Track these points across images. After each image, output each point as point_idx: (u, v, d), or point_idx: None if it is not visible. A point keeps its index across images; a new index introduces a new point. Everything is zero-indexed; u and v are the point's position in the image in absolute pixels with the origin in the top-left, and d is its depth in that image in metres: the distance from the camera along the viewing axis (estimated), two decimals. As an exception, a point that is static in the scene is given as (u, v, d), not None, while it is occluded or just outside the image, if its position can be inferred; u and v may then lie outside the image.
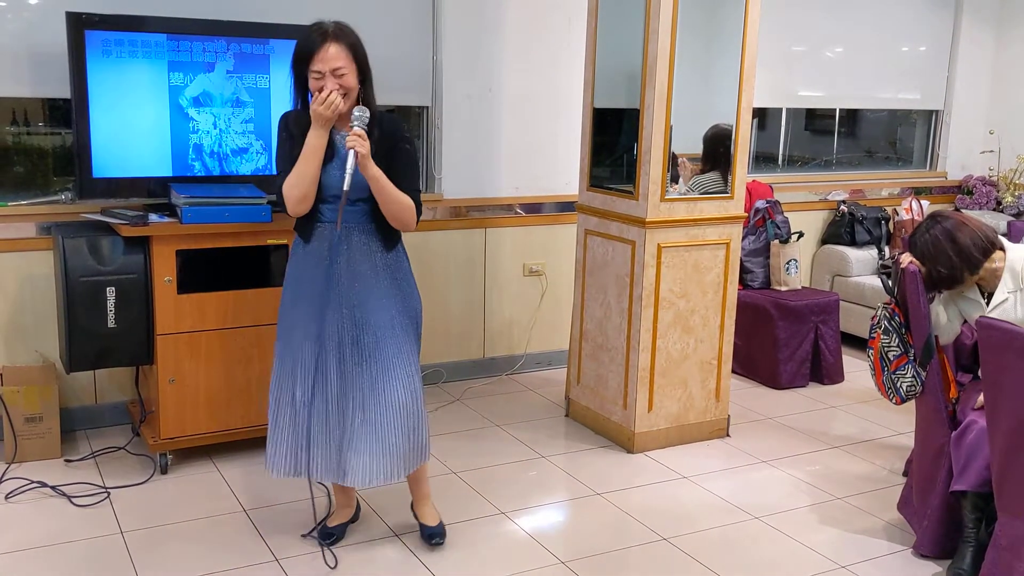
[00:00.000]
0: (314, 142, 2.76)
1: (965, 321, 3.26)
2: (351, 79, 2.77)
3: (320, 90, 2.73)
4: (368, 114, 2.77)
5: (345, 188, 2.72)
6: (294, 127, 2.86)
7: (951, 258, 3.06)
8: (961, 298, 3.19)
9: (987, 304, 3.12)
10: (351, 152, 2.70)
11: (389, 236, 2.92)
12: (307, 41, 2.76)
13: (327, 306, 2.88)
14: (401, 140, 2.89)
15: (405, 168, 2.88)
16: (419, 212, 2.92)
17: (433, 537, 3.15)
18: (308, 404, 2.92)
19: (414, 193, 2.89)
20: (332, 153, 2.81)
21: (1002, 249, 3.11)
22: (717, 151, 3.98)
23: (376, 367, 2.91)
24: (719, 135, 3.97)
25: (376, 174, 2.76)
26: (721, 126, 3.97)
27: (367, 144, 2.73)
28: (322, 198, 2.84)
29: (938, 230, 3.10)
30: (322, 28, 2.77)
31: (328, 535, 3.12)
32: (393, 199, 2.81)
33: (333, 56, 2.73)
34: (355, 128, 2.73)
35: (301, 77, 2.81)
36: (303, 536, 3.14)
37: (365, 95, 2.83)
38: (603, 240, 4.06)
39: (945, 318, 3.21)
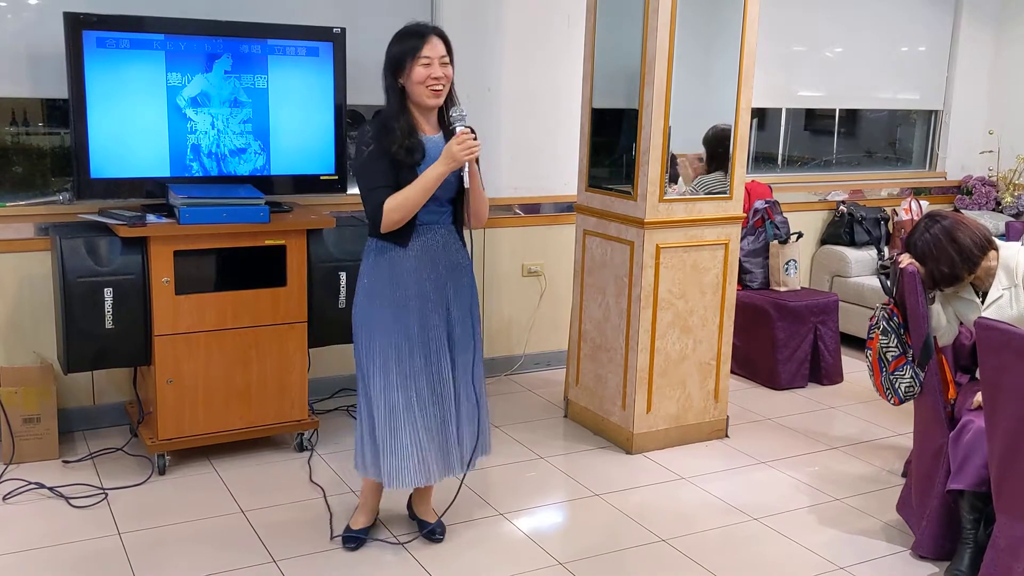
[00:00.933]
0: (434, 176, 2.81)
1: (962, 323, 3.26)
2: (451, 72, 2.87)
3: (427, 78, 2.80)
4: (466, 113, 2.87)
5: (466, 185, 2.84)
6: (390, 134, 2.83)
7: (952, 256, 3.07)
8: (956, 299, 3.20)
9: (982, 303, 3.12)
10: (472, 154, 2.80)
11: (462, 231, 3.02)
12: (414, 32, 2.84)
13: (429, 306, 2.93)
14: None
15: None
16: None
17: (434, 533, 3.16)
18: (428, 406, 2.95)
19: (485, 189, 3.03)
20: (424, 156, 2.85)
21: (995, 248, 3.12)
22: (716, 151, 3.98)
23: (469, 358, 3.01)
24: (719, 135, 3.96)
25: (475, 170, 2.90)
26: (720, 126, 3.96)
27: (479, 145, 2.83)
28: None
29: (937, 229, 3.11)
30: (426, 24, 2.89)
31: (354, 540, 3.11)
32: (482, 194, 2.97)
33: (441, 47, 2.84)
34: (460, 129, 2.81)
35: (400, 71, 2.83)
36: (333, 538, 3.14)
37: (449, 94, 2.91)
38: (602, 240, 4.06)
39: (945, 319, 3.22)
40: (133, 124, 3.62)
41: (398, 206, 2.81)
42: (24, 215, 3.81)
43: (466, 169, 2.83)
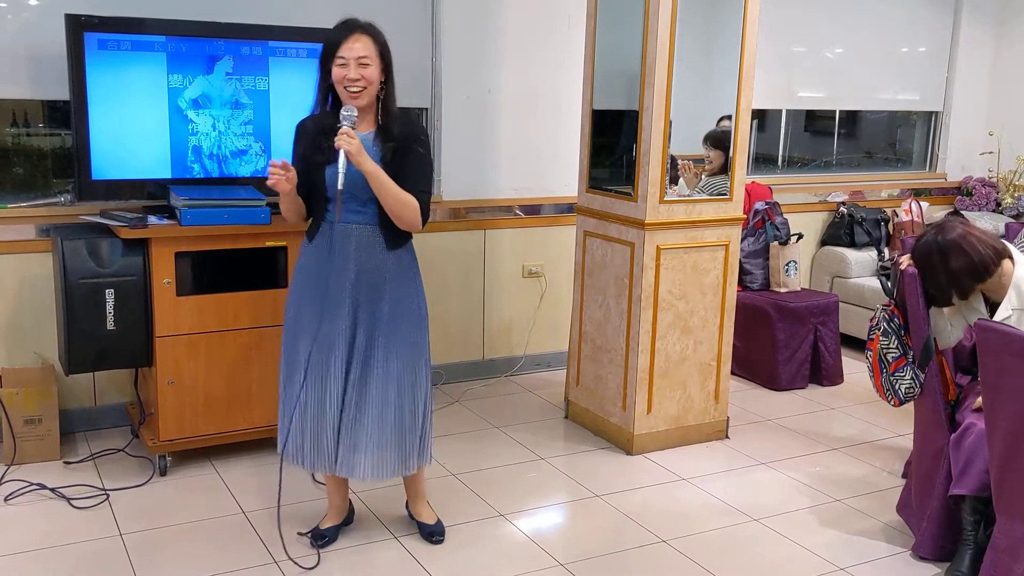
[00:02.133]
0: (282, 194, 2.84)
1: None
2: (374, 72, 2.80)
3: (343, 79, 2.77)
4: (355, 113, 2.79)
5: (340, 187, 2.74)
6: (305, 134, 2.89)
7: (940, 281, 3.00)
8: (965, 306, 3.11)
9: (990, 315, 3.03)
10: (341, 151, 2.73)
11: (395, 235, 2.92)
12: (337, 30, 2.82)
13: (330, 302, 2.89)
14: (415, 142, 2.90)
15: (414, 168, 2.89)
16: (425, 213, 2.91)
17: (433, 535, 3.16)
18: (312, 400, 2.93)
19: (420, 194, 2.88)
20: (334, 154, 2.80)
21: (1010, 258, 2.98)
22: (727, 146, 3.97)
23: (375, 365, 2.92)
24: (722, 136, 3.96)
25: (372, 170, 2.77)
26: (721, 127, 3.97)
27: (355, 142, 2.74)
28: (327, 197, 2.87)
29: (935, 246, 2.99)
30: (353, 20, 2.83)
31: (321, 536, 3.12)
32: (391, 195, 2.82)
33: (360, 46, 2.78)
34: (343, 127, 2.75)
35: (326, 70, 2.82)
36: (299, 534, 3.14)
37: (386, 94, 2.86)
38: (602, 242, 4.06)
39: (949, 324, 3.16)
40: (134, 126, 3.62)
41: (282, 208, 2.92)
42: (25, 216, 3.81)
43: (340, 167, 2.73)
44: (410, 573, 2.99)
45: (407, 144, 2.88)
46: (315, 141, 2.84)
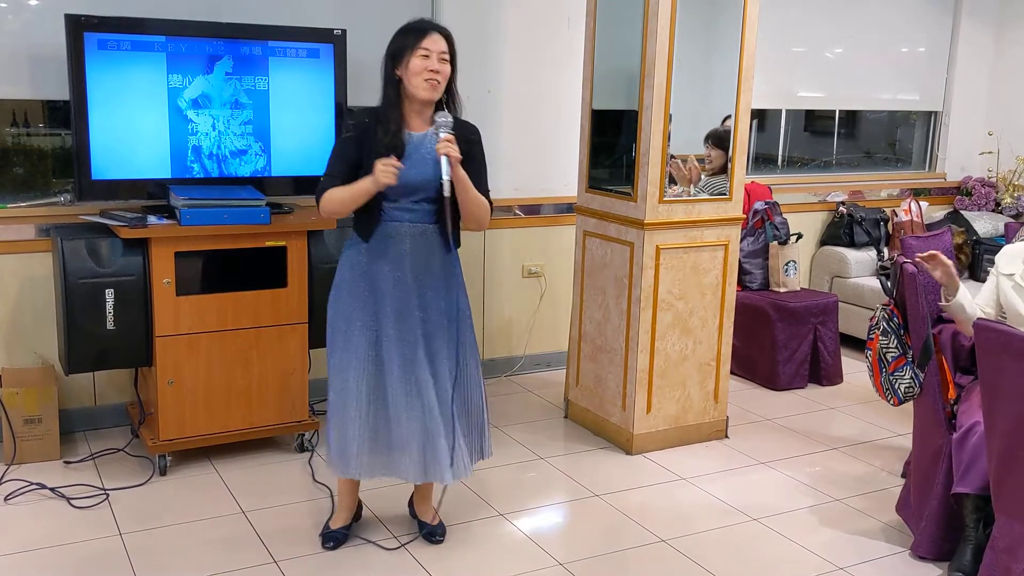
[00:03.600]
0: (368, 188, 2.79)
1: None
2: (448, 70, 2.86)
3: (423, 70, 2.79)
4: (451, 119, 2.84)
5: (445, 194, 2.79)
6: (363, 126, 2.87)
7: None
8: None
9: None
10: (444, 158, 2.77)
11: (450, 234, 2.95)
12: (417, 27, 2.85)
13: (390, 303, 2.91)
14: (476, 144, 2.96)
15: (479, 170, 2.96)
16: (491, 211, 3.00)
17: (433, 535, 3.16)
18: (373, 401, 2.94)
19: (487, 194, 2.98)
20: (403, 152, 2.83)
21: None
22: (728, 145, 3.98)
23: (434, 365, 2.95)
24: (724, 135, 3.96)
25: (463, 175, 2.84)
26: (723, 126, 3.97)
27: (456, 148, 2.78)
28: (387, 196, 2.86)
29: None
30: (429, 21, 2.90)
31: (331, 538, 3.12)
32: (475, 199, 2.90)
33: (442, 42, 2.84)
34: (443, 134, 2.79)
35: (399, 63, 2.83)
36: (319, 536, 3.15)
37: (452, 94, 2.92)
38: (602, 241, 4.07)
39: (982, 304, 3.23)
40: (134, 126, 3.62)
41: (331, 199, 2.86)
42: (25, 216, 3.81)
43: (444, 174, 2.78)
44: (410, 573, 2.99)
45: (470, 145, 2.93)
46: (386, 139, 2.82)
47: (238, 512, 3.35)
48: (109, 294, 3.45)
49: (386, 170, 2.74)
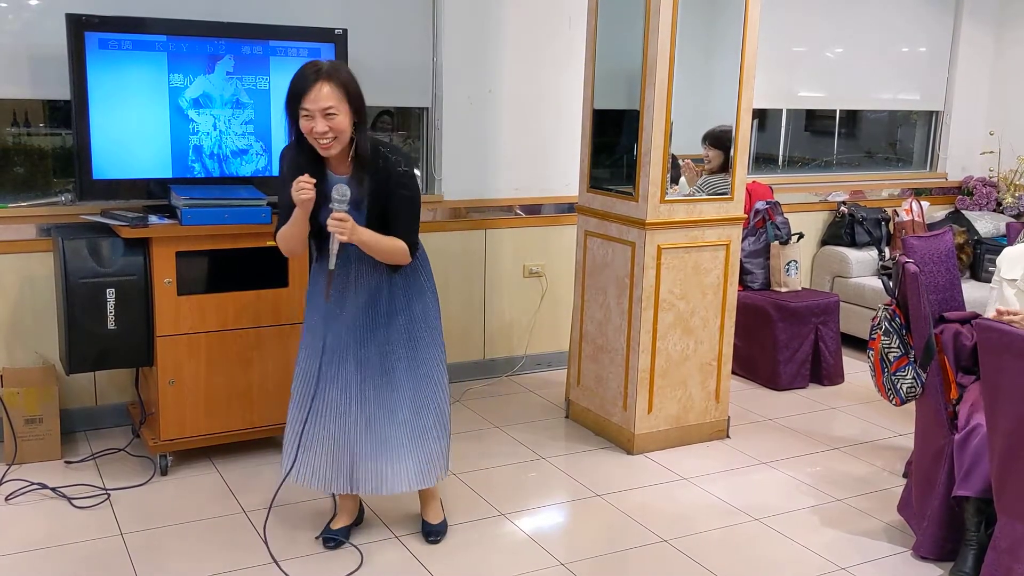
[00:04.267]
0: (297, 215, 2.77)
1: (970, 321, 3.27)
2: (342, 121, 2.68)
3: (310, 131, 2.67)
4: (348, 195, 2.71)
5: (331, 268, 2.74)
6: (286, 167, 2.87)
7: None
8: None
9: None
10: (333, 235, 2.70)
11: (393, 268, 2.92)
12: (300, 78, 2.68)
13: (335, 319, 2.92)
14: (399, 186, 2.81)
15: (400, 215, 2.83)
16: (413, 250, 2.89)
17: (431, 535, 3.17)
18: (328, 420, 2.97)
19: (407, 235, 2.85)
20: (326, 197, 2.75)
21: None
22: (728, 146, 3.97)
23: (383, 380, 2.95)
24: (721, 135, 3.96)
25: (365, 239, 2.76)
26: (720, 127, 3.96)
27: (348, 226, 2.69)
28: (325, 235, 2.81)
29: None
30: (316, 66, 2.69)
31: (331, 539, 3.12)
32: (384, 251, 2.82)
33: (325, 95, 2.64)
34: (335, 209, 2.70)
35: (294, 114, 2.71)
36: (316, 538, 3.15)
37: (357, 141, 2.74)
38: (603, 241, 4.06)
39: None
40: (135, 125, 3.62)
41: (282, 239, 2.91)
42: (26, 216, 3.81)
43: (332, 252, 2.71)
44: (410, 573, 2.99)
45: (391, 188, 2.81)
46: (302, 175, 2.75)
47: (239, 512, 3.35)
48: (110, 294, 3.45)
49: (299, 190, 2.69)
